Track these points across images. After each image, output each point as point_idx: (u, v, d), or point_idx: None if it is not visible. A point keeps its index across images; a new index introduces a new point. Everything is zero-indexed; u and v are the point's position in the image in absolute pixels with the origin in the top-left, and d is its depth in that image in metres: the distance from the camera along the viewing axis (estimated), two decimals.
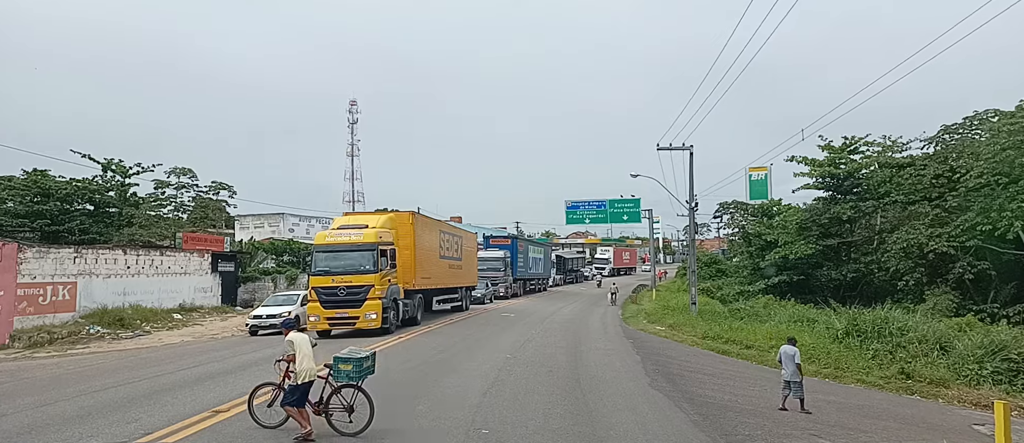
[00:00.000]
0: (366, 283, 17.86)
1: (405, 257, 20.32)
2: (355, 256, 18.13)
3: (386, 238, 18.94)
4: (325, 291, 18.02)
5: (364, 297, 17.84)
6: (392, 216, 20.80)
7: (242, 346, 16.79)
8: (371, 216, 20.37)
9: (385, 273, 18.43)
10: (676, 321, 23.24)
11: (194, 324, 23.30)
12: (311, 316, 18.10)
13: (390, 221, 20.20)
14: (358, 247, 18.21)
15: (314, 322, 17.99)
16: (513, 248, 42.59)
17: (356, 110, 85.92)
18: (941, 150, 31.44)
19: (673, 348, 18.01)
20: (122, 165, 35.85)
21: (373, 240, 18.29)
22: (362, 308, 17.83)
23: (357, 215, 20.82)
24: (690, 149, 25.02)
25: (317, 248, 18.85)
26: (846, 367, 15.87)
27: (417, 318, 21.44)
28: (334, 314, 17.95)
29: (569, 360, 13.89)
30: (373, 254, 18.11)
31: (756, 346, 18.27)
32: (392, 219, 20.51)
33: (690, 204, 24.86)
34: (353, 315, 17.87)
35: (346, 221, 20.03)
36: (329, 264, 18.24)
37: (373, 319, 17.86)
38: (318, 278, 18.19)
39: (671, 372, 13.23)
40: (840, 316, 21.09)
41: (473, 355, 14.17)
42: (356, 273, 17.92)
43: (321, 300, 18.08)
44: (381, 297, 18.09)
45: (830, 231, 35.82)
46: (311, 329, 17.98)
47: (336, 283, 17.91)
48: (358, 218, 20.22)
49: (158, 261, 24.72)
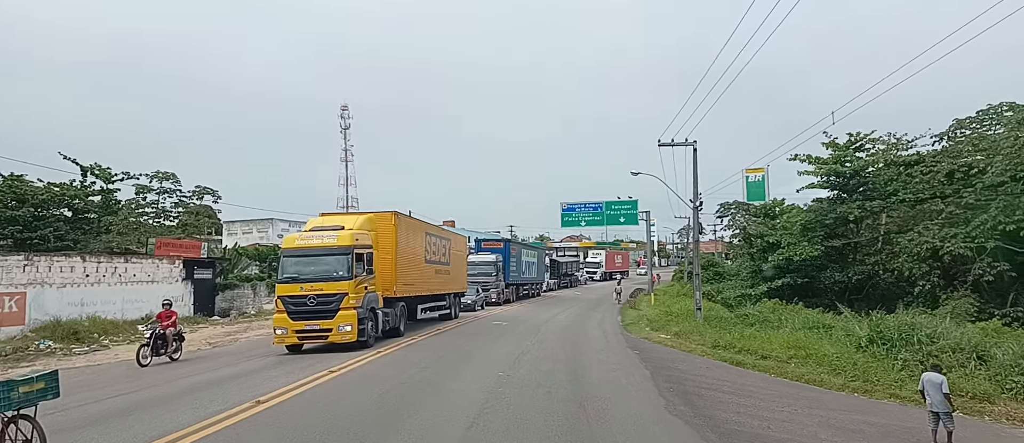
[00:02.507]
0: (339, 291, 16.05)
1: (386, 262, 18.52)
2: (327, 261, 16.26)
3: (363, 241, 17.15)
4: (293, 300, 16.12)
5: (337, 307, 15.99)
6: (371, 217, 18.92)
7: (207, 363, 15.00)
8: (348, 217, 18.54)
9: (361, 280, 16.68)
10: (681, 328, 21.59)
11: None
12: (278, 329, 16.18)
13: (369, 222, 18.39)
14: (330, 251, 16.34)
15: (281, 335, 16.11)
16: (506, 252, 40.87)
17: (348, 115, 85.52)
18: (953, 146, 29.99)
19: (682, 359, 16.38)
20: (105, 170, 34.38)
21: (348, 243, 16.45)
22: (335, 319, 15.99)
23: (333, 216, 18.61)
24: (693, 145, 23.42)
25: (285, 252, 16.86)
26: (875, 380, 14.22)
27: (400, 329, 19.59)
28: (303, 326, 16.03)
29: (569, 377, 12.21)
30: (347, 258, 16.26)
31: (773, 356, 16.65)
32: (372, 220, 18.66)
33: (694, 202, 23.25)
34: (325, 327, 16.01)
35: (320, 222, 18.05)
36: (298, 270, 16.37)
37: (347, 331, 16.02)
38: (285, 286, 16.30)
39: (686, 390, 11.58)
40: (861, 322, 19.51)
41: (459, 373, 12.44)
42: (328, 280, 16.08)
43: (289, 311, 16.13)
44: (356, 306, 16.28)
45: (835, 232, 34.35)
46: (278, 343, 16.35)
47: (305, 291, 16.02)
48: (333, 219, 18.26)
49: (122, 269, 22.91)
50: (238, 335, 21.93)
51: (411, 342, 18.27)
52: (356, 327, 16.10)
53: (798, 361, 15.91)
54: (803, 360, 15.83)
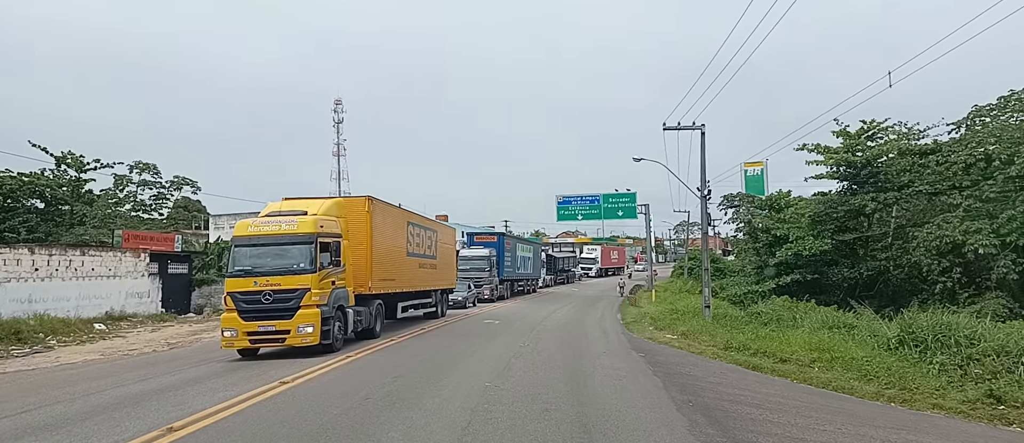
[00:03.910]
0: (300, 286, 13.86)
1: (359, 253, 16.47)
2: (286, 251, 14.06)
3: (330, 228, 14.99)
4: (245, 297, 13.82)
5: (297, 304, 13.79)
6: (340, 202, 16.73)
7: (148, 370, 13.00)
8: (313, 201, 15.96)
9: (327, 273, 14.47)
10: (689, 328, 19.80)
11: (117, 336, 19.55)
12: (226, 330, 13.90)
13: (338, 208, 16.22)
14: (290, 239, 14.11)
15: (230, 338, 13.83)
16: (499, 246, 39.04)
17: (341, 109, 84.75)
18: (972, 134, 28.24)
19: (693, 363, 14.58)
20: (78, 159, 33.01)
21: (310, 230, 14.21)
22: (294, 319, 13.77)
23: (296, 200, 16.12)
24: (702, 128, 21.59)
25: (236, 241, 14.36)
26: (913, 387, 12.45)
27: (375, 329, 17.50)
28: (256, 327, 13.76)
29: (569, 388, 10.38)
30: (310, 248, 14.04)
31: (793, 359, 14.88)
32: (340, 205, 16.53)
33: (702, 191, 21.42)
34: (282, 328, 13.79)
35: (279, 207, 15.64)
36: (252, 262, 14.11)
37: (309, 332, 13.82)
38: (236, 280, 13.98)
39: (706, 404, 9.77)
40: (889, 322, 17.77)
41: (439, 384, 10.55)
42: (287, 273, 13.89)
43: (240, 309, 13.82)
44: (320, 304, 14.09)
45: (846, 225, 32.65)
46: (226, 347, 14.09)
47: (260, 286, 13.82)
48: (296, 204, 15.80)
49: (78, 262, 20.95)
50: (203, 334, 20.03)
51: (387, 345, 16.25)
52: (319, 328, 13.95)
53: (822, 365, 14.26)
54: (828, 364, 14.19)
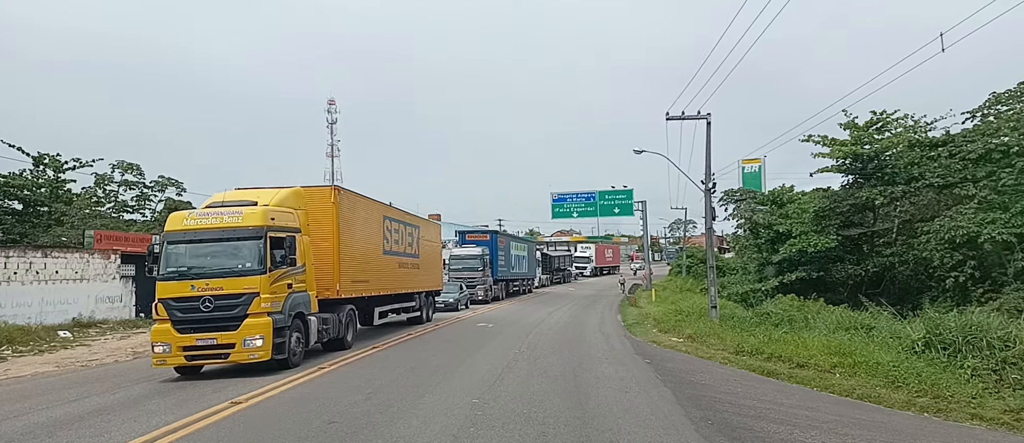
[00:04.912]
0: (246, 290, 11.66)
1: (324, 251, 14.56)
2: (229, 248, 11.89)
3: (284, 221, 12.70)
4: (180, 305, 11.59)
5: (243, 312, 11.61)
6: (300, 191, 14.33)
7: (92, 386, 11.46)
8: (267, 191, 13.57)
9: (281, 274, 12.27)
10: (695, 330, 18.53)
11: (82, 345, 18.14)
12: (157, 344, 11.60)
13: (296, 198, 13.86)
14: (234, 234, 11.85)
15: (162, 353, 11.58)
16: (493, 245, 37.71)
17: (335, 110, 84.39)
18: (988, 123, 27.12)
19: (704, 370, 13.34)
20: (56, 159, 31.88)
21: (258, 223, 11.94)
22: (239, 330, 11.58)
23: (248, 190, 13.80)
24: (707, 118, 20.33)
25: (168, 237, 12.05)
26: (947, 395, 11.23)
27: (345, 339, 15.55)
28: (194, 341, 11.57)
29: (569, 403, 9.08)
30: (258, 245, 11.82)
31: (812, 365, 13.68)
32: (300, 196, 14.14)
33: (707, 184, 20.15)
34: (225, 342, 11.59)
35: (224, 197, 13.22)
36: (188, 262, 11.90)
37: (258, 346, 11.64)
38: (169, 284, 11.71)
39: (726, 420, 8.51)
40: (912, 322, 16.55)
41: (419, 403, 9.19)
42: (230, 275, 11.71)
43: (174, 319, 11.57)
44: (272, 311, 11.94)
45: (852, 220, 31.50)
46: (158, 364, 11.80)
47: (198, 291, 11.58)
48: (247, 194, 13.45)
49: (40, 264, 19.52)
50: None
51: (360, 356, 14.46)
52: (271, 340, 11.78)
53: (844, 371, 13.11)
54: (850, 369, 13.04)
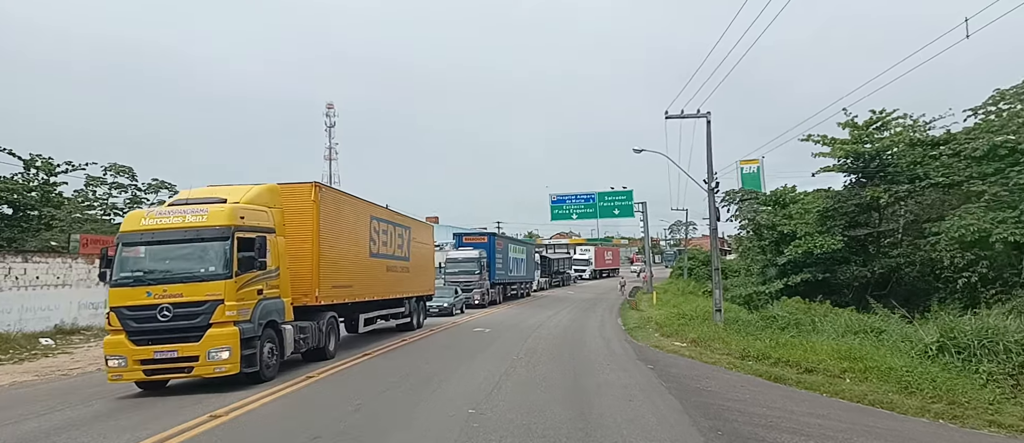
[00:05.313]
0: (210, 297, 10.62)
1: (303, 253, 13.50)
2: (190, 250, 10.83)
3: (255, 221, 11.61)
4: (135, 314, 10.54)
5: (206, 322, 10.58)
6: (275, 188, 13.11)
7: (63, 399, 10.73)
8: (238, 188, 12.37)
9: (249, 278, 11.18)
10: (699, 334, 17.93)
11: (64, 353, 17.52)
12: (111, 358, 10.60)
13: (270, 196, 12.69)
14: (197, 234, 10.79)
15: (117, 367, 10.58)
16: (490, 247, 37.07)
17: (334, 113, 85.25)
18: (990, 121, 26.55)
19: (710, 376, 12.75)
20: (48, 162, 31.55)
21: (224, 222, 10.91)
22: (203, 341, 10.56)
23: (218, 188, 12.56)
24: (707, 116, 19.77)
25: (123, 238, 10.95)
26: (963, 401, 10.73)
27: (326, 348, 14.45)
28: (152, 354, 10.54)
29: (572, 415, 8.47)
30: (223, 246, 10.77)
31: (821, 370, 13.14)
32: (275, 194, 12.94)
33: (710, 184, 19.56)
34: (188, 354, 10.56)
35: (189, 194, 12.13)
36: (145, 265, 10.83)
37: (224, 358, 10.62)
38: (123, 290, 10.66)
39: (737, 430, 7.94)
40: (924, 325, 15.96)
41: (410, 415, 8.52)
42: (191, 280, 10.66)
43: (129, 330, 10.55)
44: (239, 320, 10.88)
45: (857, 220, 30.90)
46: (113, 379, 10.77)
47: (156, 298, 10.53)
48: (214, 191, 12.30)
49: (19, 270, 18.91)
50: None
51: (344, 366, 13.48)
52: (239, 352, 10.76)
53: (854, 376, 12.61)
54: (861, 374, 12.58)
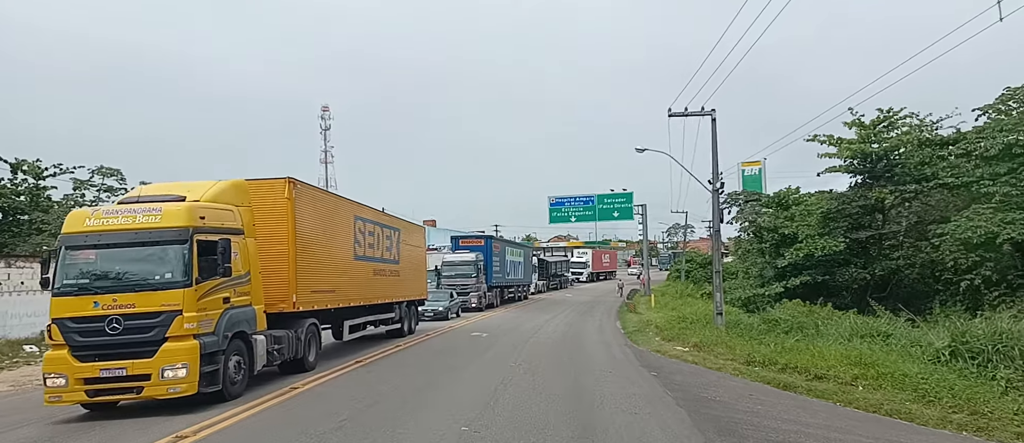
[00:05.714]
0: (164, 307, 9.35)
1: (277, 256, 12.22)
2: (142, 254, 9.55)
3: (218, 221, 10.27)
4: (80, 326, 9.26)
5: (161, 336, 9.32)
6: (243, 185, 11.67)
7: (29, 413, 10.17)
8: (200, 185, 11.00)
9: (213, 286, 9.88)
10: (701, 339, 17.42)
11: None
12: (51, 376, 9.27)
13: (237, 193, 11.29)
14: (149, 236, 9.52)
15: (57, 387, 9.23)
16: (487, 250, 36.58)
17: (329, 116, 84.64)
18: (999, 120, 26.16)
19: (716, 384, 12.23)
20: (35, 165, 31.48)
21: (182, 223, 9.61)
22: (156, 358, 9.26)
23: (175, 184, 11.14)
24: (711, 114, 19.28)
25: (65, 241, 9.69)
26: (985, 411, 10.21)
27: (306, 359, 13.16)
28: (98, 371, 9.24)
29: (574, 432, 7.88)
30: (181, 250, 9.51)
31: (831, 376, 12.65)
32: (242, 191, 11.51)
33: (715, 184, 19.07)
34: (139, 373, 9.28)
35: (141, 192, 10.94)
36: (91, 271, 9.59)
37: (180, 377, 9.31)
38: (66, 300, 9.39)
39: None
40: (932, 328, 15.51)
41: (397, 433, 7.93)
42: (144, 288, 9.39)
43: (72, 344, 9.26)
44: (199, 332, 9.56)
45: (861, 222, 30.47)
46: (51, 401, 9.36)
47: (103, 309, 9.27)
48: (172, 187, 10.88)
49: (3, 275, 18.41)
50: None
51: (326, 378, 12.33)
52: (197, 369, 9.42)
53: (867, 383, 12.11)
54: (874, 381, 12.09)
